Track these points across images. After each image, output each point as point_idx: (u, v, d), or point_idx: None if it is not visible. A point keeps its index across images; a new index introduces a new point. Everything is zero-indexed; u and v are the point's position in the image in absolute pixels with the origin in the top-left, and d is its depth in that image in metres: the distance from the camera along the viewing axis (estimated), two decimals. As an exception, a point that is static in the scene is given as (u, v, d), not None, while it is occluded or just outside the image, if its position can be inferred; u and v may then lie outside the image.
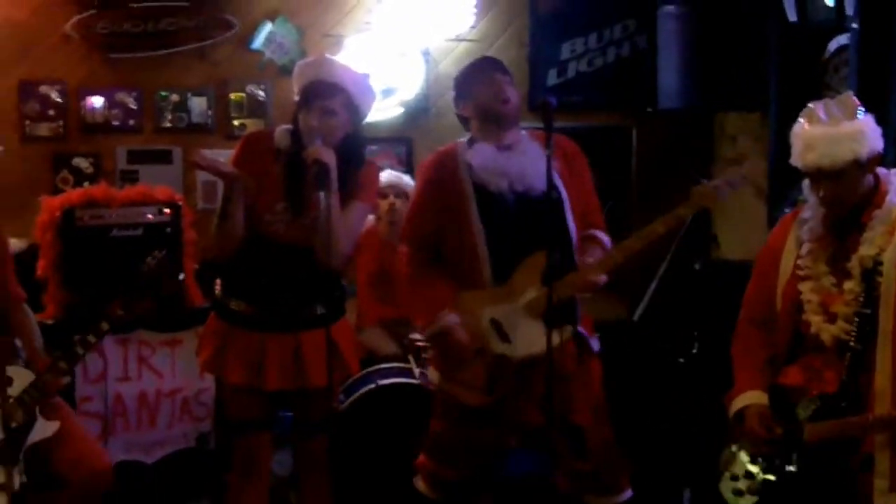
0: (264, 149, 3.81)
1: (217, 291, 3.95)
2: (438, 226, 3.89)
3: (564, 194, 3.84)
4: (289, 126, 3.84)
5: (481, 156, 3.84)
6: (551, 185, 3.49)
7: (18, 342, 3.86)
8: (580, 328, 3.87)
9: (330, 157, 3.61)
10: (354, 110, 3.81)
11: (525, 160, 3.76)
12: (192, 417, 5.09)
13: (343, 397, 4.63)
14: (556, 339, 3.51)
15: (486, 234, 3.79)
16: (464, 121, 3.99)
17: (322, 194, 3.57)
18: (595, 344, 3.95)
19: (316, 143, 3.65)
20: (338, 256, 3.72)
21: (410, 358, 4.84)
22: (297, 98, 3.83)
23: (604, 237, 3.97)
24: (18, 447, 3.61)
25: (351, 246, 3.84)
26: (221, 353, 3.83)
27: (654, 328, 5.30)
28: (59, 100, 5.98)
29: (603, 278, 3.74)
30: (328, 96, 3.73)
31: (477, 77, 3.93)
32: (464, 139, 4.00)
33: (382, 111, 6.23)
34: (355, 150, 3.86)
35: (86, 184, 5.68)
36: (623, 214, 6.07)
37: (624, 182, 6.49)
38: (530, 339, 3.69)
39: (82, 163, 5.99)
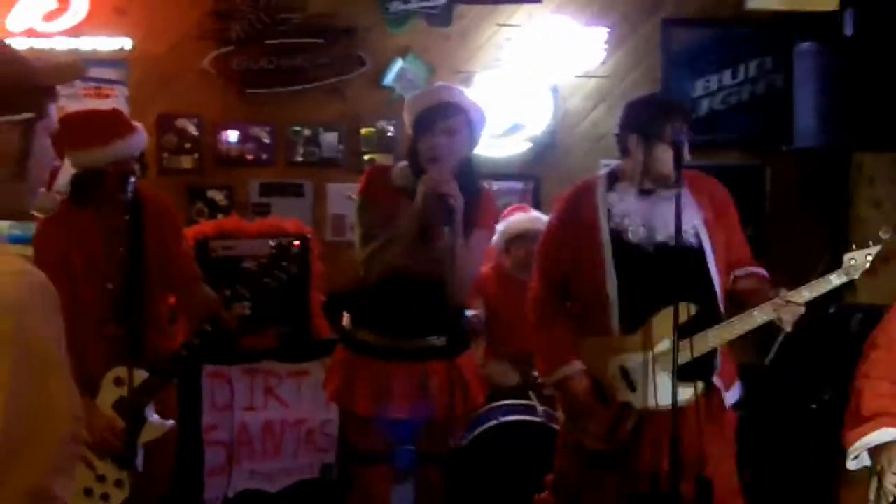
0: (386, 184, 3.85)
1: (345, 323, 3.99)
2: (572, 262, 3.84)
3: (708, 245, 3.73)
4: (405, 163, 3.86)
5: (623, 202, 3.74)
6: (679, 228, 3.43)
7: None
8: (716, 380, 3.75)
9: (455, 190, 3.60)
10: (473, 132, 3.82)
11: (669, 210, 3.55)
12: (317, 448, 5.12)
13: (466, 433, 4.60)
14: (687, 393, 3.44)
15: (619, 283, 3.71)
16: (620, 147, 3.81)
17: (448, 228, 3.58)
18: (732, 396, 3.83)
19: (438, 172, 3.65)
20: (464, 286, 3.78)
21: (532, 395, 4.79)
22: (411, 129, 3.84)
23: (759, 271, 3.86)
24: (133, 448, 3.67)
25: (474, 274, 3.87)
26: (349, 384, 3.87)
27: (786, 373, 5.15)
28: (195, 133, 6.14)
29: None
30: (451, 115, 3.75)
31: (654, 124, 3.69)
32: (604, 173, 3.90)
33: (510, 147, 6.23)
34: (473, 176, 3.87)
35: (219, 216, 5.82)
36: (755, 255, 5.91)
37: (756, 223, 6.34)
38: (658, 390, 3.62)
39: (217, 195, 6.14)
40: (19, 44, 5.91)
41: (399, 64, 6.20)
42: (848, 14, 5.83)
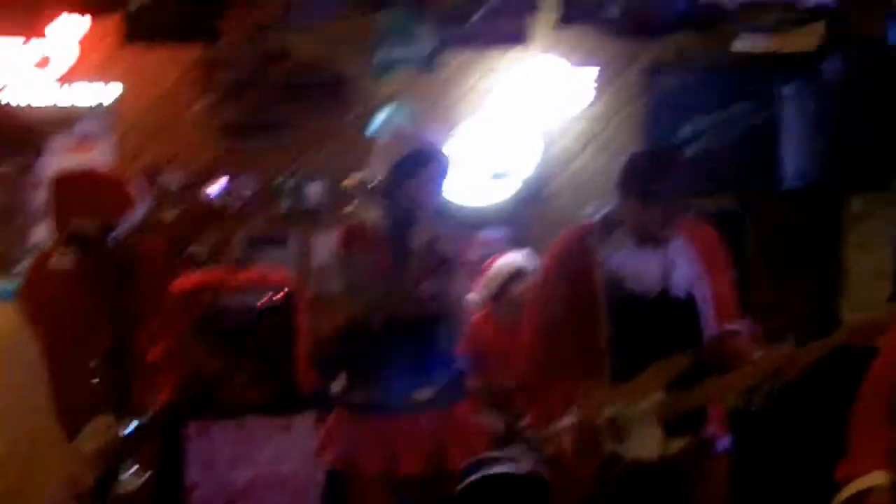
0: (364, 236, 3.83)
1: (335, 387, 3.93)
2: (563, 311, 3.80)
3: (700, 299, 3.68)
4: (377, 212, 3.84)
5: (618, 255, 3.69)
6: (667, 284, 3.42)
7: None
8: (709, 430, 3.71)
9: (452, 249, 3.68)
10: (444, 179, 3.85)
11: (666, 262, 3.57)
12: (305, 504, 5.05)
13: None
14: (675, 446, 3.41)
15: (612, 332, 3.67)
16: (621, 202, 3.76)
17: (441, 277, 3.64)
18: (723, 443, 3.77)
19: (429, 232, 3.71)
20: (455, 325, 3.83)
21: (520, 443, 4.72)
22: (388, 173, 3.83)
23: (742, 329, 3.78)
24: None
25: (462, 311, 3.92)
26: (352, 446, 3.81)
27: (776, 415, 5.08)
28: (178, 187, 6.09)
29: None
30: (431, 163, 3.80)
31: (646, 181, 3.64)
32: (599, 218, 3.83)
33: (496, 194, 6.21)
34: (443, 214, 3.92)
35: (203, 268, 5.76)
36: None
37: (745, 267, 6.28)
38: (645, 442, 3.58)
39: (199, 249, 6.07)
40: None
41: (385, 113, 6.18)
42: (832, 56, 5.85)
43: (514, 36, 6.29)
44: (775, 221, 6.35)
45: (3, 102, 1.64)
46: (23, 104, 5.92)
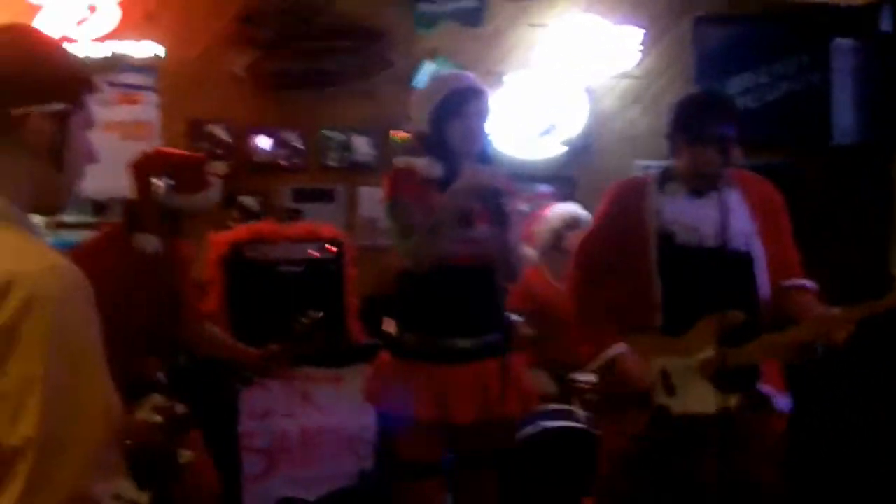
0: (412, 181, 3.76)
1: (388, 329, 3.89)
2: (616, 257, 3.77)
3: (758, 251, 3.63)
4: (426, 158, 3.79)
5: (673, 205, 3.66)
6: (727, 232, 3.36)
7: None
8: (764, 387, 3.66)
9: (495, 180, 3.62)
10: (487, 117, 3.80)
11: (723, 212, 3.46)
12: (355, 455, 5.06)
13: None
14: (729, 402, 3.38)
15: (664, 285, 3.63)
16: (670, 147, 3.73)
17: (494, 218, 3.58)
18: (782, 403, 3.72)
19: (473, 167, 3.65)
20: (515, 267, 3.76)
21: (574, 400, 4.71)
22: (431, 115, 3.75)
23: (808, 284, 3.73)
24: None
25: (521, 251, 3.85)
26: (403, 391, 3.72)
27: (833, 375, 5.05)
28: (226, 139, 6.09)
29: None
30: (477, 99, 3.72)
31: (702, 122, 3.58)
32: (656, 171, 3.82)
33: (544, 149, 6.17)
34: (490, 159, 3.86)
35: (252, 221, 5.76)
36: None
37: (795, 224, 6.22)
38: (696, 397, 3.54)
39: (249, 201, 6.08)
40: (50, 50, 5.89)
41: (428, 65, 6.14)
42: (885, 9, 5.76)
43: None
44: (828, 177, 6.28)
45: (53, 38, 1.60)
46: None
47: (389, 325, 3.84)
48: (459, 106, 3.69)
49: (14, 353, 1.59)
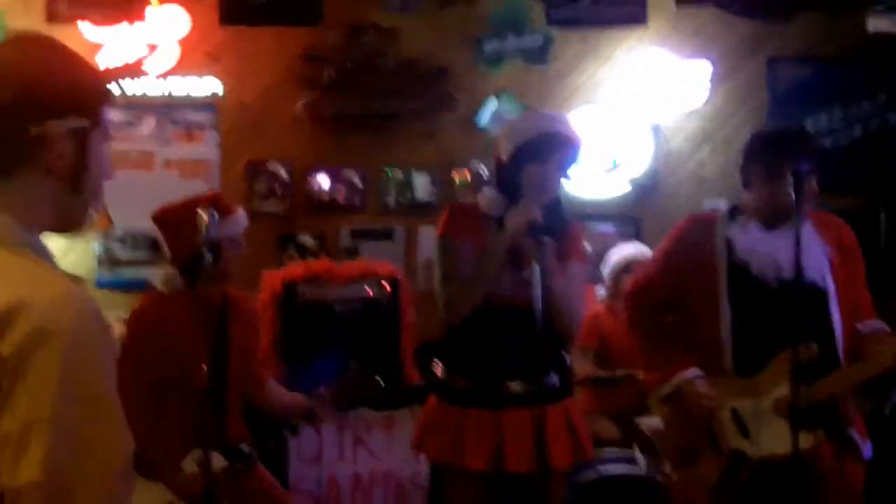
0: (469, 219, 3.61)
1: (438, 372, 3.72)
2: (674, 296, 3.58)
3: (831, 286, 3.48)
4: (492, 190, 3.62)
5: (747, 236, 3.52)
6: (799, 264, 3.17)
7: None
8: (853, 434, 3.48)
9: (537, 214, 3.43)
10: (571, 167, 3.60)
11: (798, 245, 3.24)
12: (407, 501, 4.90)
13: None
14: (807, 441, 3.18)
15: (734, 320, 3.47)
16: (743, 180, 3.59)
17: (537, 254, 3.36)
18: (865, 450, 3.53)
19: (528, 203, 3.46)
20: (571, 315, 3.53)
21: (635, 446, 4.51)
22: (511, 154, 3.56)
23: (883, 327, 3.57)
24: None
25: (581, 308, 3.62)
26: (454, 438, 3.54)
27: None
28: (286, 178, 6.04)
29: None
30: (566, 149, 3.52)
31: (779, 155, 3.44)
32: (723, 209, 3.67)
33: (609, 188, 6.01)
34: (562, 209, 3.66)
35: (309, 260, 5.68)
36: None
37: (870, 269, 5.96)
38: (774, 438, 3.36)
39: (307, 240, 6.01)
40: (111, 87, 5.89)
41: (493, 104, 6.03)
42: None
43: (631, 16, 6.08)
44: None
45: (71, 50, 1.50)
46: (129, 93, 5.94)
47: (437, 368, 3.68)
48: (545, 151, 3.49)
49: (21, 388, 1.47)
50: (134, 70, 5.87)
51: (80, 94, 1.65)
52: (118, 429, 1.55)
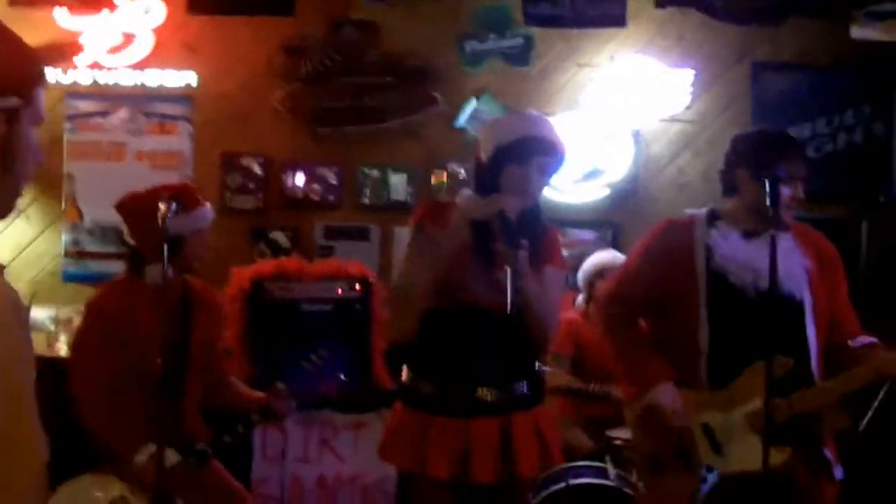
0: (446, 216, 3.47)
1: (404, 377, 3.59)
2: (650, 301, 3.49)
3: (808, 298, 3.38)
4: (468, 192, 3.50)
5: (727, 243, 3.41)
6: (774, 275, 3.08)
7: None
8: (827, 452, 3.39)
9: (509, 206, 3.29)
10: (554, 174, 3.48)
11: (776, 255, 3.15)
12: (373, 506, 4.80)
13: (530, 495, 4.25)
14: (779, 458, 3.09)
15: (711, 329, 3.37)
16: (725, 184, 3.50)
17: (511, 249, 3.21)
18: (838, 471, 3.43)
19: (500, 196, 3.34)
20: (545, 322, 3.37)
21: (607, 458, 4.42)
22: (493, 153, 3.41)
23: (873, 341, 3.47)
24: None
25: (555, 315, 3.48)
26: (418, 445, 3.39)
27: (882, 438, 4.72)
28: (260, 173, 5.94)
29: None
30: (548, 153, 3.37)
31: (771, 158, 3.34)
32: (702, 213, 3.55)
33: (587, 193, 5.92)
34: (540, 214, 3.52)
35: (282, 258, 5.58)
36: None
37: (852, 280, 5.89)
38: (745, 453, 3.26)
39: (280, 236, 5.92)
40: (82, 76, 5.80)
41: (473, 104, 5.94)
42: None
43: (610, 18, 6.00)
44: (884, 233, 5.93)
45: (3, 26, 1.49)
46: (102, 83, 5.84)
47: (402, 372, 3.56)
48: (526, 153, 3.35)
49: None
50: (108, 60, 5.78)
51: (11, 73, 1.55)
52: (36, 430, 1.45)
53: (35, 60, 1.62)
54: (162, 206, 3.32)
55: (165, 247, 3.30)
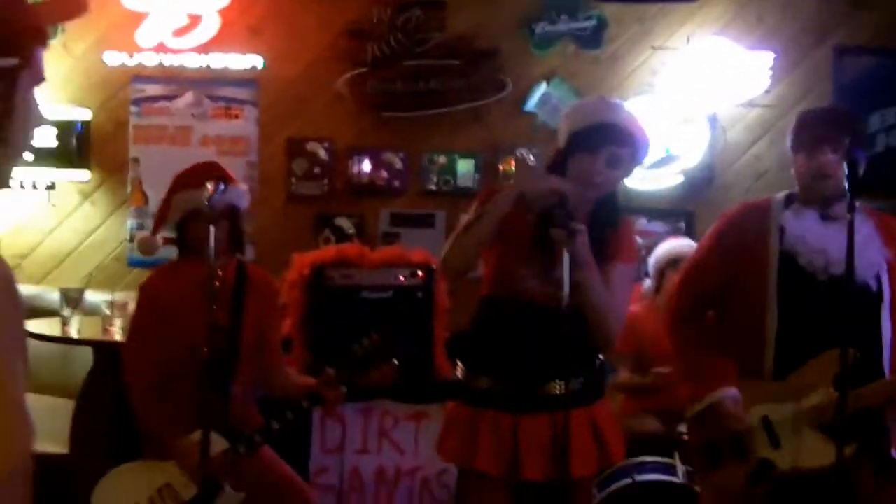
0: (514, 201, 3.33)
1: (459, 372, 3.48)
2: (722, 287, 3.32)
3: (887, 288, 3.20)
4: (543, 176, 3.34)
5: (800, 223, 3.24)
6: (851, 262, 2.88)
7: None
8: (894, 451, 3.19)
9: (568, 188, 3.11)
10: (632, 166, 3.31)
11: (852, 239, 2.94)
12: (433, 499, 4.67)
13: (596, 491, 4.10)
14: (842, 455, 2.91)
15: (780, 315, 3.20)
16: (794, 154, 3.34)
17: (564, 239, 3.04)
18: None
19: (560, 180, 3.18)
20: (606, 322, 3.19)
21: (676, 455, 4.25)
22: (567, 139, 3.26)
23: None
24: None
25: (621, 313, 3.29)
26: (469, 439, 3.28)
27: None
28: (325, 158, 5.86)
29: None
30: (621, 144, 3.17)
31: (807, 134, 3.25)
32: (781, 195, 3.39)
33: (661, 180, 5.74)
34: (615, 206, 3.34)
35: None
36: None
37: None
38: (806, 449, 3.11)
39: (345, 223, 5.85)
40: (148, 59, 5.77)
41: (542, 88, 5.79)
42: None
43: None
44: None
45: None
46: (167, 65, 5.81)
47: (457, 367, 3.43)
48: (597, 141, 3.17)
49: None
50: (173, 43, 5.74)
51: (9, 31, 1.45)
52: (15, 411, 1.34)
53: (34, 18, 1.52)
54: (209, 186, 3.24)
55: (212, 229, 3.21)
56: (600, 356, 3.39)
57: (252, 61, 5.81)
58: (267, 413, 3.68)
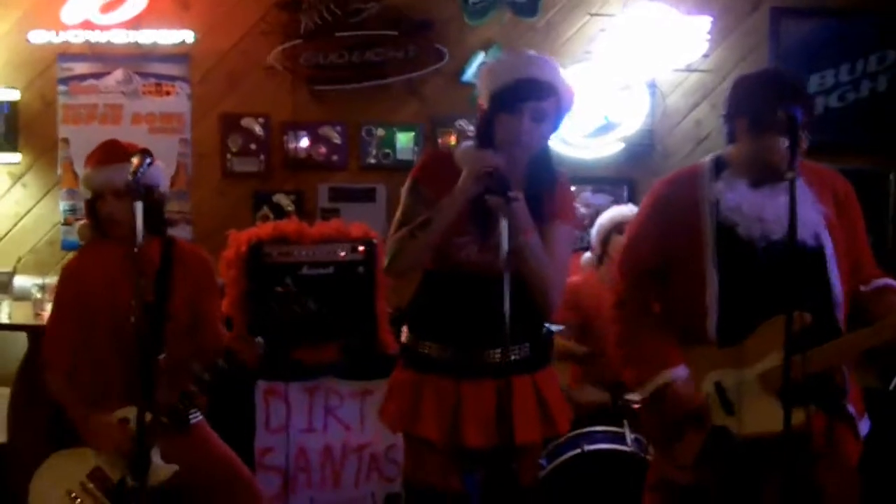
0: (445, 168, 3.27)
1: (404, 337, 3.43)
2: (663, 259, 3.28)
3: (829, 246, 3.15)
4: (471, 143, 3.28)
5: (734, 193, 3.16)
6: (794, 222, 2.85)
7: None
8: (850, 407, 3.17)
9: (499, 161, 3.05)
10: (558, 119, 3.24)
11: (785, 204, 2.90)
12: (381, 476, 4.62)
13: (545, 462, 4.08)
14: (797, 419, 2.88)
15: (720, 284, 3.16)
16: (728, 132, 3.24)
17: (501, 206, 2.98)
18: (864, 425, 3.23)
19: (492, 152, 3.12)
20: (547, 287, 3.15)
21: (625, 422, 4.24)
22: (487, 103, 3.19)
23: (891, 283, 3.24)
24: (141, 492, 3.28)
25: (562, 275, 3.25)
26: (412, 406, 3.25)
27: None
28: (261, 134, 5.76)
29: None
30: (542, 97, 3.10)
31: (766, 104, 3.06)
32: (709, 159, 3.31)
33: (601, 148, 5.71)
34: (549, 164, 3.28)
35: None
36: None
37: (879, 234, 5.69)
38: (760, 414, 3.07)
39: (283, 200, 5.76)
40: (74, 37, 5.62)
41: (480, 57, 5.73)
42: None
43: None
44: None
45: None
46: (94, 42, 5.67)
47: (404, 333, 3.38)
48: (519, 98, 3.10)
49: None
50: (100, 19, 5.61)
51: None
52: None
53: None
54: (134, 160, 3.14)
55: (140, 205, 3.10)
56: (546, 325, 3.36)
57: (182, 36, 5.69)
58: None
